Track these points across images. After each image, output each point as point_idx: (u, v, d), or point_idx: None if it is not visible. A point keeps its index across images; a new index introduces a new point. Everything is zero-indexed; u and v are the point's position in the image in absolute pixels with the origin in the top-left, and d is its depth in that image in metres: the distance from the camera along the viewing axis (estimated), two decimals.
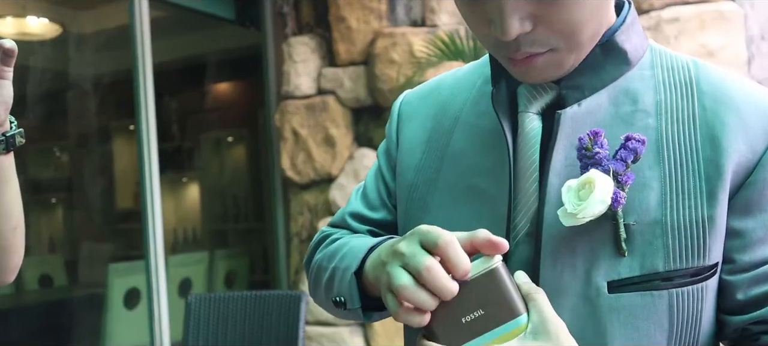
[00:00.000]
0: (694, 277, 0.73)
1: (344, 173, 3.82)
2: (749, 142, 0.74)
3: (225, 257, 5.31)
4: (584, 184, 0.72)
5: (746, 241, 0.74)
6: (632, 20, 0.81)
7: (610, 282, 0.74)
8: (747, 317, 0.74)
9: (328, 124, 3.85)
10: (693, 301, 0.74)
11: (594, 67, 0.79)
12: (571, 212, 0.72)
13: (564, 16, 0.71)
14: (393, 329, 3.68)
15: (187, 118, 6.14)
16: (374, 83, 3.70)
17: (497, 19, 0.71)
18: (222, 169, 6.40)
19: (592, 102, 0.79)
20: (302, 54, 3.95)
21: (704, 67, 0.81)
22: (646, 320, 0.73)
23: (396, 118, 0.96)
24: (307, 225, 3.95)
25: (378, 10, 3.77)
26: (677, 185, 0.74)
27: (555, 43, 0.73)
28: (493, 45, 0.76)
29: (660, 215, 0.74)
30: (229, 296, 2.48)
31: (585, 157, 0.74)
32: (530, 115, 0.80)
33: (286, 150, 3.94)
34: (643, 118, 0.77)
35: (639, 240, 0.73)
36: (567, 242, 0.75)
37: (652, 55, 0.82)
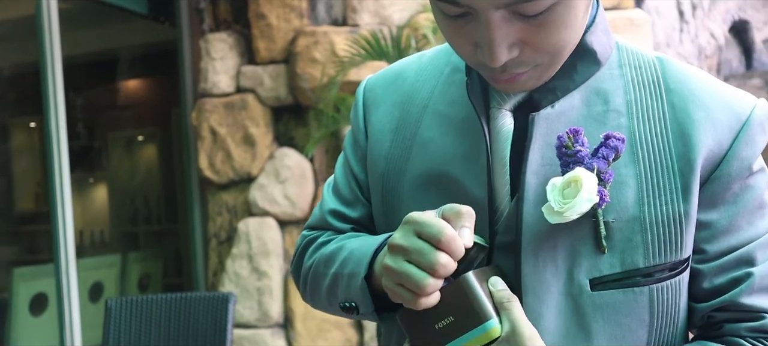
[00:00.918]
0: (671, 271, 0.76)
1: (265, 173, 3.77)
2: (717, 138, 0.77)
3: (138, 259, 5.14)
4: (569, 182, 0.73)
5: (713, 232, 0.77)
6: (600, 20, 0.82)
7: (592, 280, 0.75)
8: (711, 304, 0.78)
9: (248, 123, 3.79)
10: (671, 294, 0.76)
11: (566, 70, 0.80)
12: (557, 210, 0.73)
13: (552, 39, 0.71)
14: (315, 330, 3.66)
15: (97, 115, 5.91)
16: (295, 82, 3.67)
17: (485, 46, 0.71)
18: (134, 169, 6.20)
19: (566, 103, 0.80)
20: (220, 51, 3.87)
21: (669, 64, 0.83)
22: (628, 316, 0.75)
23: (361, 107, 0.94)
24: (226, 226, 3.87)
25: (299, 8, 3.74)
26: (653, 182, 0.76)
27: (540, 61, 0.74)
28: (476, 64, 0.76)
29: (638, 212, 0.75)
30: (151, 298, 2.40)
31: (566, 155, 0.75)
32: (503, 111, 0.81)
33: (204, 149, 3.85)
34: (615, 118, 0.79)
35: (619, 237, 0.75)
36: (548, 240, 0.76)
37: (619, 53, 0.83)
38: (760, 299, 0.77)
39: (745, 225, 0.78)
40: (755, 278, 0.76)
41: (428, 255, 0.68)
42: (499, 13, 0.68)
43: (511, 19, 0.69)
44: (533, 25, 0.70)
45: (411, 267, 0.69)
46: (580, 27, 0.74)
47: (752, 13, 3.96)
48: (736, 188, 0.77)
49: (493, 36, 0.69)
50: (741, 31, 3.99)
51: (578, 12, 0.72)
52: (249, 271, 3.74)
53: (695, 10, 3.79)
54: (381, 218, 0.89)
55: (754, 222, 0.78)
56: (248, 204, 3.79)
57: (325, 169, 3.73)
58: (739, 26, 3.97)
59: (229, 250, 3.81)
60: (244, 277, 3.74)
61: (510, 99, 0.81)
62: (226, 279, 3.77)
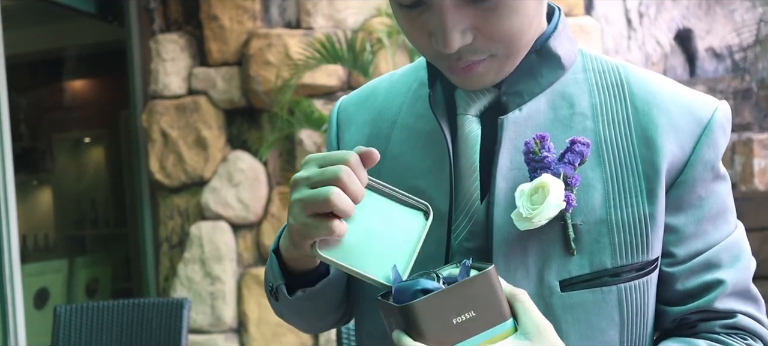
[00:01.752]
0: (639, 271, 0.77)
1: (217, 176, 3.72)
2: (679, 143, 0.79)
3: (85, 264, 5.02)
4: (537, 188, 0.74)
5: (680, 236, 0.79)
6: (563, 26, 0.84)
7: (562, 281, 0.77)
8: (686, 308, 0.80)
9: (200, 125, 3.74)
10: (640, 294, 0.78)
11: (531, 73, 0.81)
12: (526, 216, 0.74)
13: (504, 25, 0.73)
14: (269, 334, 3.63)
15: (41, 116, 5.75)
16: (249, 84, 3.64)
17: (439, 33, 0.72)
18: (80, 172, 6.05)
19: (532, 107, 0.81)
20: (171, 52, 3.82)
21: (631, 69, 0.85)
22: (598, 316, 0.77)
23: (334, 127, 0.96)
24: (177, 229, 3.81)
25: (252, 10, 3.71)
26: (619, 185, 0.78)
27: (495, 50, 0.76)
28: (433, 56, 0.78)
29: (605, 214, 0.77)
30: (103, 305, 2.34)
31: (533, 161, 0.76)
32: (469, 117, 0.82)
33: (155, 152, 3.79)
34: (581, 121, 0.81)
35: (587, 239, 0.77)
36: (518, 244, 0.77)
37: (583, 59, 0.85)
38: (731, 302, 0.79)
39: (711, 229, 0.80)
40: (727, 285, 0.79)
41: (332, 170, 0.70)
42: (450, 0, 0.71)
43: (462, 5, 0.72)
44: (484, 10, 0.72)
45: (317, 189, 0.70)
46: (532, 18, 0.76)
47: (695, 22, 4.09)
48: (701, 192, 0.79)
49: (446, 21, 0.71)
50: (685, 39, 4.12)
51: (528, 1, 0.74)
52: (202, 275, 3.69)
53: (642, 19, 3.90)
54: None
55: (719, 226, 0.80)
56: (201, 208, 3.74)
57: (278, 173, 3.70)
58: (683, 34, 4.09)
59: (181, 254, 3.75)
60: (196, 282, 3.69)
61: (475, 104, 0.82)
62: (178, 284, 3.71)
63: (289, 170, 3.64)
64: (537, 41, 0.82)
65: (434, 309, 0.66)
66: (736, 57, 3.83)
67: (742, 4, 4.02)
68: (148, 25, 3.95)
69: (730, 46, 4.00)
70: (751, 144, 3.03)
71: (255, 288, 3.65)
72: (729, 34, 4.00)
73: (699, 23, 4.09)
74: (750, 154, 3.01)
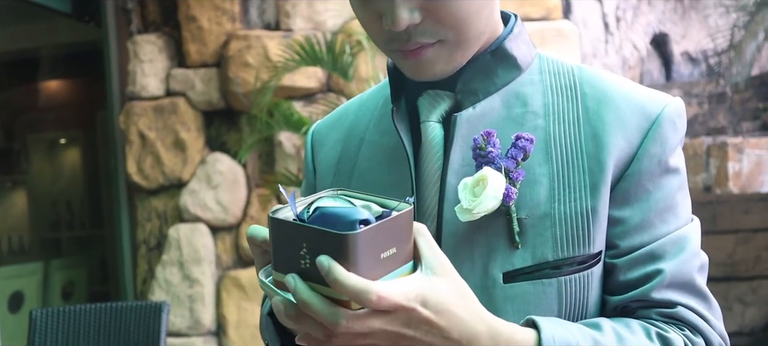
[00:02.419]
0: (580, 265, 0.79)
1: (196, 178, 3.70)
2: (627, 138, 0.81)
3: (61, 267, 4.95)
4: (478, 181, 0.77)
5: (625, 228, 0.80)
6: (520, 30, 0.87)
7: (505, 273, 0.79)
8: (625, 297, 0.81)
9: (179, 127, 3.71)
10: (580, 287, 0.80)
11: (487, 73, 0.84)
12: (467, 207, 0.77)
13: (451, 8, 0.76)
14: (248, 337, 3.61)
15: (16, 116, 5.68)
16: (228, 86, 3.62)
17: (388, 11, 0.76)
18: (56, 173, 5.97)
19: (486, 105, 0.84)
20: (149, 53, 3.79)
21: (586, 71, 0.87)
22: (538, 307, 0.79)
23: (309, 149, 0.99)
24: (155, 232, 3.78)
25: (231, 12, 3.69)
26: (564, 181, 0.80)
27: (443, 35, 0.78)
28: (385, 40, 0.80)
29: (549, 209, 0.79)
30: (79, 309, 2.32)
31: (479, 156, 0.79)
32: (431, 123, 0.84)
33: (132, 153, 3.75)
34: (532, 120, 0.83)
35: (531, 233, 0.79)
36: (466, 237, 0.80)
37: (540, 61, 0.88)
38: (670, 293, 0.80)
39: (658, 222, 0.81)
40: (666, 275, 0.79)
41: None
42: None
43: None
44: None
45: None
46: (480, 6, 0.78)
47: (671, 27, 4.14)
48: (648, 186, 0.81)
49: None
50: (661, 44, 4.17)
51: None
52: (180, 278, 3.66)
53: (619, 23, 3.94)
54: None
55: (667, 219, 0.81)
56: (179, 210, 3.71)
57: (257, 175, 3.69)
58: (659, 39, 4.14)
59: (160, 257, 3.72)
60: (175, 284, 3.66)
61: (437, 109, 0.85)
62: (156, 287, 3.68)
63: (268, 172, 3.63)
64: (493, 43, 0.85)
65: (369, 241, 0.63)
66: (711, 61, 3.88)
67: (716, 9, 4.07)
68: (126, 26, 3.91)
69: (705, 51, 4.06)
70: (725, 148, 3.07)
71: (234, 291, 3.63)
72: (704, 38, 4.06)
73: (675, 28, 4.15)
74: (724, 157, 3.06)
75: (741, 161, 3.02)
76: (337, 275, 0.61)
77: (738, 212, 3.80)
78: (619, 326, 0.78)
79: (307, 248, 0.63)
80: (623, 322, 0.79)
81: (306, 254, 0.63)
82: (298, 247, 0.64)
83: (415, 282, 0.65)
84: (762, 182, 3.02)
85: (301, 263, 0.64)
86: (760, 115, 3.59)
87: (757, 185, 3.03)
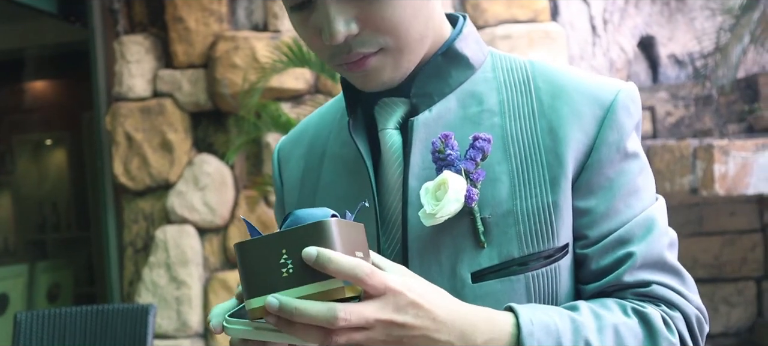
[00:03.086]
0: (547, 259, 0.80)
1: (183, 180, 3.68)
2: (583, 129, 0.81)
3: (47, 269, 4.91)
4: (439, 185, 0.78)
5: (592, 217, 0.81)
6: (469, 31, 0.88)
7: (473, 273, 0.80)
8: (598, 285, 0.82)
9: (166, 128, 3.70)
10: (548, 281, 0.80)
11: (439, 75, 0.85)
12: (430, 212, 0.77)
13: (386, 15, 0.76)
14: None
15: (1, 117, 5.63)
16: (215, 87, 3.60)
17: (325, 25, 0.76)
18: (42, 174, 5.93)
19: (442, 107, 0.85)
20: (136, 54, 3.77)
21: (539, 65, 0.87)
22: (507, 304, 0.78)
23: (276, 166, 1.00)
24: (142, 233, 3.76)
25: (218, 13, 3.68)
26: (524, 177, 0.81)
27: (383, 42, 0.78)
28: (329, 55, 0.80)
29: (512, 206, 0.80)
30: (65, 311, 2.30)
31: (439, 159, 0.80)
32: (389, 130, 0.85)
33: (119, 155, 3.73)
34: (489, 118, 0.84)
35: (495, 231, 0.80)
36: (431, 240, 0.80)
37: (492, 59, 0.89)
38: (643, 274, 0.81)
39: (623, 207, 0.82)
40: (637, 257, 0.80)
41: None
42: None
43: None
44: (363, 1, 0.76)
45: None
46: (417, 9, 0.79)
47: (658, 30, 4.16)
48: (610, 173, 0.81)
49: (328, 11, 0.75)
50: (648, 46, 4.19)
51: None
52: (167, 280, 3.64)
53: (606, 25, 3.96)
54: None
55: (631, 204, 0.82)
56: (166, 211, 3.69)
57: (245, 176, 3.68)
58: (646, 41, 4.16)
59: (146, 258, 3.70)
60: (162, 286, 3.64)
61: (393, 116, 0.85)
62: (142, 289, 3.66)
63: (256, 174, 3.61)
64: (443, 45, 0.86)
65: (344, 232, 0.66)
66: (698, 64, 3.91)
67: (702, 12, 4.10)
68: (112, 27, 3.89)
69: (692, 54, 4.08)
70: (711, 150, 3.09)
71: (221, 293, 3.62)
72: (690, 41, 4.08)
73: (661, 30, 4.17)
74: (710, 160, 3.08)
75: (727, 163, 3.04)
76: (330, 255, 0.63)
77: (724, 214, 3.83)
78: (595, 306, 0.79)
79: (287, 252, 0.64)
80: (600, 301, 0.80)
81: (287, 260, 0.64)
82: (277, 257, 0.64)
83: (396, 273, 0.70)
84: (747, 184, 3.04)
85: (282, 273, 0.64)
86: (746, 118, 3.62)
87: (743, 187, 3.05)
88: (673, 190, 3.29)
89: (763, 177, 3.02)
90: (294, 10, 0.79)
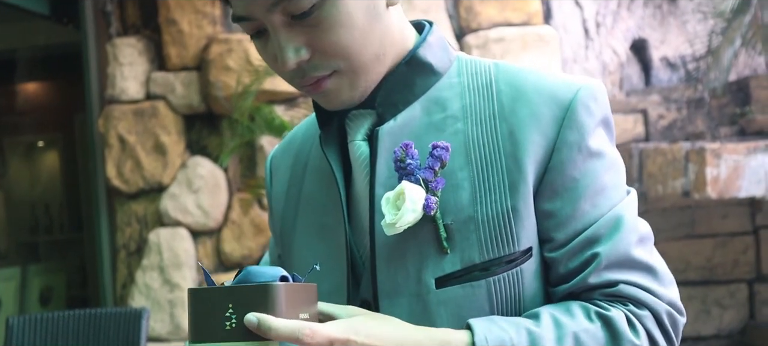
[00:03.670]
0: (509, 264, 0.80)
1: (176, 182, 3.67)
2: (542, 131, 0.81)
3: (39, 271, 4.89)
4: (398, 195, 0.79)
5: (558, 220, 0.81)
6: (434, 38, 0.88)
7: (437, 279, 0.80)
8: (568, 286, 0.82)
9: (159, 130, 3.69)
10: (510, 286, 0.80)
11: (404, 83, 0.85)
12: (390, 222, 0.79)
13: (334, 40, 0.78)
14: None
15: None
16: (208, 90, 3.60)
17: (278, 52, 0.78)
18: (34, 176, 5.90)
19: (407, 115, 0.85)
20: (129, 56, 3.76)
21: (503, 66, 0.87)
22: (469, 309, 0.80)
23: (268, 176, 1.02)
24: (135, 236, 3.75)
25: (211, 15, 3.68)
26: (484, 182, 0.81)
27: (336, 65, 0.80)
28: (288, 78, 0.82)
29: (473, 212, 0.80)
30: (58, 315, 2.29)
31: (400, 169, 0.81)
32: (357, 142, 0.86)
33: (112, 157, 3.72)
34: (452, 124, 0.84)
35: (458, 237, 0.80)
36: (397, 247, 0.81)
37: (458, 63, 0.88)
38: (608, 273, 0.80)
39: (589, 208, 0.81)
40: (602, 257, 0.80)
41: None
42: (277, 18, 0.77)
43: (290, 23, 0.77)
44: (310, 26, 0.77)
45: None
46: (365, 32, 0.79)
47: (650, 32, 4.18)
48: (574, 174, 0.81)
49: (278, 39, 0.77)
50: (640, 49, 4.20)
51: (352, 12, 0.78)
52: (160, 283, 3.63)
53: (599, 28, 3.97)
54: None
55: (598, 203, 0.81)
56: (159, 214, 3.69)
57: (239, 179, 3.67)
58: (638, 44, 4.17)
59: (139, 261, 3.69)
60: (155, 289, 3.63)
61: (361, 128, 0.86)
62: (136, 291, 3.65)
63: (249, 177, 3.61)
64: (407, 54, 0.86)
65: (290, 296, 0.69)
66: (690, 67, 3.92)
67: (694, 15, 4.12)
68: (105, 29, 3.88)
69: (684, 56, 4.10)
70: (703, 153, 3.10)
71: None
72: (683, 44, 4.10)
73: (654, 33, 4.18)
74: (703, 163, 3.09)
75: (719, 166, 3.05)
76: (270, 323, 0.66)
77: (716, 217, 3.84)
78: (558, 312, 0.79)
79: (233, 307, 0.68)
80: (563, 306, 0.80)
81: (232, 314, 0.67)
82: (223, 310, 0.68)
83: (341, 322, 0.72)
84: (739, 187, 3.05)
85: (226, 325, 0.67)
86: (738, 121, 3.64)
87: (735, 190, 3.06)
88: (666, 193, 3.31)
89: (754, 180, 3.03)
90: (253, 37, 0.81)
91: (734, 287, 3.88)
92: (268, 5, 0.76)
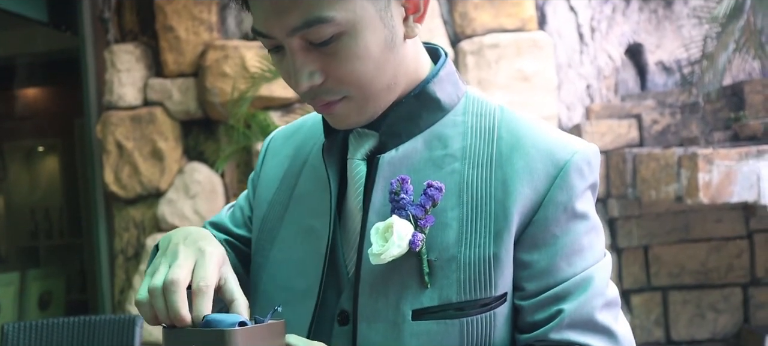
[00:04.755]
0: (483, 307, 0.82)
1: (173, 188, 3.70)
2: (533, 186, 0.83)
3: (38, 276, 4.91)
4: (387, 228, 0.81)
5: (533, 271, 0.83)
6: (447, 72, 0.89)
7: (414, 310, 0.82)
8: (530, 336, 0.84)
9: (156, 136, 3.71)
10: (482, 328, 0.82)
11: (410, 116, 0.87)
12: (376, 252, 0.81)
13: (348, 69, 0.80)
14: None
15: None
16: (205, 96, 3.62)
17: (292, 74, 0.80)
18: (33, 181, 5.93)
19: (409, 147, 0.87)
20: (126, 63, 3.78)
21: (508, 113, 0.89)
22: (441, 345, 0.81)
23: (264, 153, 1.03)
24: (133, 241, 3.77)
25: (208, 22, 3.70)
26: (471, 226, 0.83)
27: (347, 92, 0.82)
28: (300, 95, 0.84)
29: (456, 252, 0.82)
30: (53, 322, 2.31)
31: (394, 201, 0.83)
32: (356, 160, 0.88)
33: (110, 163, 3.75)
34: (450, 162, 0.86)
35: (439, 274, 0.82)
36: (382, 276, 0.83)
37: (466, 101, 0.90)
38: (569, 333, 0.82)
39: (565, 266, 0.83)
40: (565, 315, 0.82)
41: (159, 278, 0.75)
42: (295, 42, 0.79)
43: (308, 48, 0.79)
44: (326, 55, 0.79)
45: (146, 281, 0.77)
46: (380, 63, 0.81)
47: (645, 37, 4.19)
48: (555, 231, 0.83)
49: (294, 62, 0.79)
50: (636, 53, 4.21)
51: (369, 45, 0.79)
52: None
53: (594, 33, 3.98)
54: (253, 254, 0.97)
55: (573, 262, 0.83)
56: (157, 219, 3.71)
57: (235, 184, 3.70)
58: (634, 49, 4.18)
59: (137, 266, 3.72)
60: None
61: (362, 147, 0.88)
62: (133, 296, 3.67)
63: (245, 182, 3.63)
64: (418, 86, 0.87)
65: (248, 339, 0.72)
66: (685, 71, 3.93)
67: (689, 20, 4.13)
68: (103, 35, 3.91)
69: (679, 61, 4.11)
70: (695, 159, 3.12)
71: None
72: (678, 48, 4.11)
73: (649, 38, 4.20)
74: (695, 168, 3.10)
75: (711, 172, 3.07)
76: None
77: (710, 221, 3.86)
78: None
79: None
80: None
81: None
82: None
83: None
84: (731, 192, 3.06)
85: None
86: (731, 125, 3.65)
87: (727, 195, 3.08)
88: (659, 198, 3.32)
89: (746, 186, 3.05)
90: (271, 52, 0.83)
91: (729, 291, 3.89)
92: (289, 30, 0.78)
